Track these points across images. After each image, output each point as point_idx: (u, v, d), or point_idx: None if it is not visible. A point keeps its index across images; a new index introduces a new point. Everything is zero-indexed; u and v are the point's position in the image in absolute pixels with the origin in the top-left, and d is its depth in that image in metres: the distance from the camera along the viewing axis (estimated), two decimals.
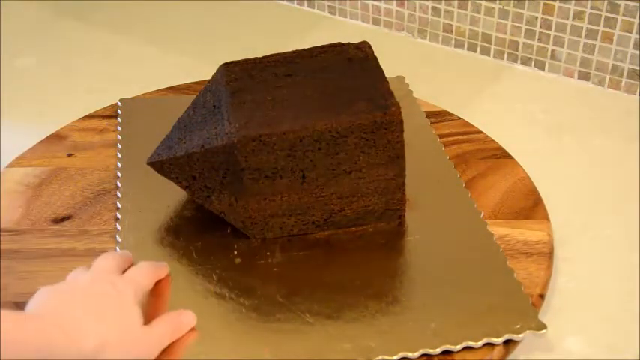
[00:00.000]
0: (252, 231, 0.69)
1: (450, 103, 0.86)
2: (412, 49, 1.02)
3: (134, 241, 0.69)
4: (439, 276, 0.66)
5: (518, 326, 0.60)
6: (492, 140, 0.81)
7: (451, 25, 1.00)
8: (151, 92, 0.89)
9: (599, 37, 0.90)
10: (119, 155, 0.79)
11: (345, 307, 0.62)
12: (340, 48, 0.72)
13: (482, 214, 0.72)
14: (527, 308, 0.62)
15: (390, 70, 0.71)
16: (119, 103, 0.86)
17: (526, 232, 0.70)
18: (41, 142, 0.81)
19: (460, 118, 0.85)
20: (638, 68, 0.89)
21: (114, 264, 0.61)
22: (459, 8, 0.98)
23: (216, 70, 0.71)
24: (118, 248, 0.68)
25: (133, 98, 0.87)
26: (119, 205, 0.72)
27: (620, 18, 0.88)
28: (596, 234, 0.72)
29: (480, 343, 0.59)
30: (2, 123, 0.88)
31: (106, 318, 0.55)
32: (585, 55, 0.92)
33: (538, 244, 0.69)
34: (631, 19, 0.87)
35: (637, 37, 0.87)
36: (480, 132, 0.83)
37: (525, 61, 0.97)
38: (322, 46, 0.72)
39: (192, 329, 0.60)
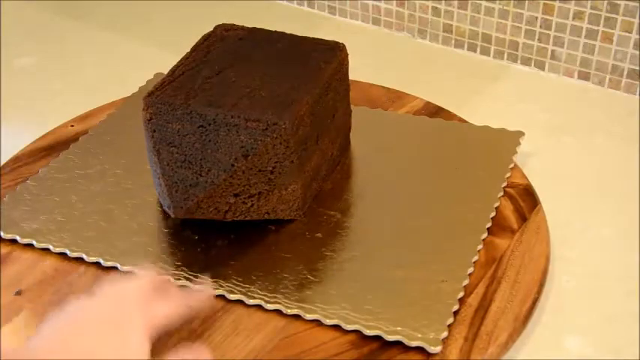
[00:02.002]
0: (297, 212, 0.70)
1: (450, 103, 0.86)
2: (412, 49, 1.02)
3: (230, 284, 0.64)
4: (426, 158, 0.78)
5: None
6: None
7: (451, 25, 1.00)
8: None
9: (599, 37, 0.90)
10: (78, 255, 0.68)
11: (432, 204, 0.72)
12: (215, 36, 0.76)
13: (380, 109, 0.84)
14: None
15: (390, 70, 0.71)
16: None
17: (413, 104, 0.85)
18: None
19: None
20: (638, 68, 0.89)
21: (141, 291, 0.57)
22: (459, 8, 0.98)
23: (146, 106, 0.66)
24: (238, 297, 0.64)
25: None
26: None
27: (620, 18, 0.87)
28: (596, 234, 0.72)
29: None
30: (2, 123, 0.88)
31: (102, 348, 0.52)
32: (585, 55, 0.92)
33: (431, 105, 0.84)
34: (631, 19, 0.87)
35: (637, 37, 0.87)
36: None
37: (525, 61, 0.97)
38: (199, 44, 0.75)
39: None
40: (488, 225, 0.69)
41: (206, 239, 0.69)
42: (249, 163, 0.65)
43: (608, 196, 0.77)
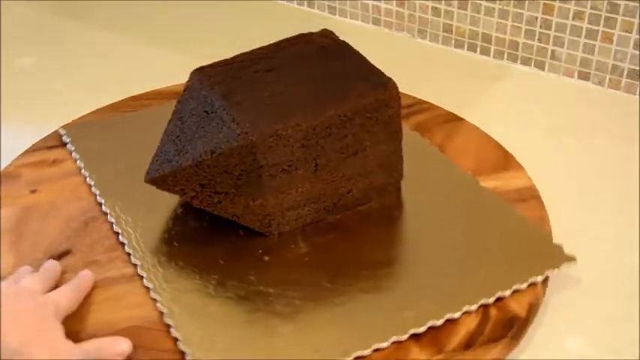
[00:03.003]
0: (269, 228, 0.68)
1: (450, 103, 0.86)
2: (412, 49, 1.02)
3: (152, 260, 0.66)
4: (455, 238, 0.69)
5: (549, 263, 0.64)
6: (439, 107, 0.86)
7: (451, 25, 1.00)
8: (91, 113, 0.85)
9: (599, 37, 0.90)
10: (90, 181, 0.75)
11: (393, 279, 0.65)
12: (306, 38, 0.74)
13: (469, 172, 0.76)
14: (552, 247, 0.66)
15: (390, 70, 0.71)
16: (61, 132, 0.82)
17: (511, 181, 0.75)
18: None
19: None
20: (638, 68, 0.89)
21: (38, 285, 0.61)
22: (459, 8, 0.98)
23: (190, 78, 0.69)
24: (143, 273, 0.65)
25: (74, 124, 0.83)
26: (118, 230, 0.69)
27: (620, 18, 0.88)
28: (596, 234, 0.72)
29: (524, 285, 0.63)
30: (2, 123, 0.88)
31: (26, 322, 0.56)
32: (585, 55, 0.92)
33: (528, 190, 0.74)
34: (631, 19, 0.87)
35: (637, 37, 0.87)
36: (425, 101, 0.87)
37: (525, 61, 0.97)
38: (288, 39, 0.74)
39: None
40: (419, 330, 0.60)
41: (184, 216, 0.71)
42: (213, 160, 0.65)
43: (608, 196, 0.77)
